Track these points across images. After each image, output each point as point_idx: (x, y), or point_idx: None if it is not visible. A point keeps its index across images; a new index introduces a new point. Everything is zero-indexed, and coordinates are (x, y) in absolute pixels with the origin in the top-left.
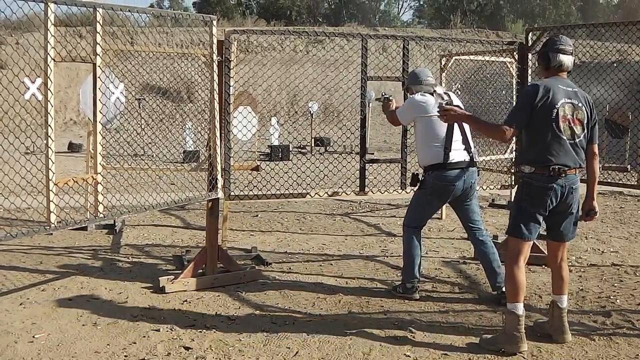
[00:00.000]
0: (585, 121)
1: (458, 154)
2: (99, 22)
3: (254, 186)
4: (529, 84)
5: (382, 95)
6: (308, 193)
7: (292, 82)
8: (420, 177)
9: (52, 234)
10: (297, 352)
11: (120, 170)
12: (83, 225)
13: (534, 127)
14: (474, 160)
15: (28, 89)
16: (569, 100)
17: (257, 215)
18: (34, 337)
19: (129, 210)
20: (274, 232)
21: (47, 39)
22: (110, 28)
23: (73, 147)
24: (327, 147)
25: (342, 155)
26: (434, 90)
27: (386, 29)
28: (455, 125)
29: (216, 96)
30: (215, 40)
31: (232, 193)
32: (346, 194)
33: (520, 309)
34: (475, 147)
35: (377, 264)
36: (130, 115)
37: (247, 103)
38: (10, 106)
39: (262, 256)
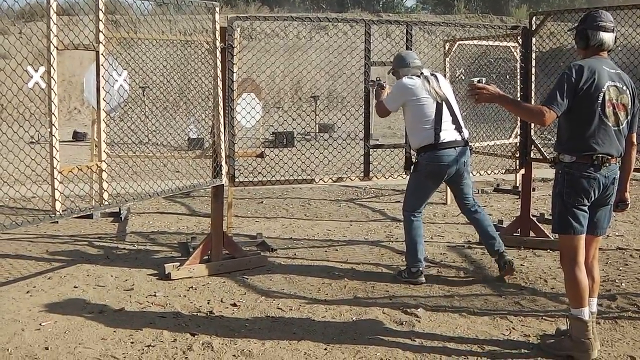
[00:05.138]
0: (630, 106)
1: (449, 133)
2: (101, 9)
3: (259, 172)
4: (572, 63)
5: (376, 79)
6: (313, 179)
7: (296, 69)
8: (413, 160)
9: (57, 222)
10: (302, 338)
11: (124, 158)
12: (88, 214)
13: (576, 113)
14: (465, 139)
15: (31, 77)
16: (612, 83)
17: (262, 202)
18: (40, 324)
19: (134, 197)
20: (279, 218)
21: (49, 27)
22: (113, 16)
23: (78, 136)
24: (332, 134)
25: (346, 141)
26: (421, 73)
27: (390, 14)
28: (444, 105)
29: (219, 83)
30: (218, 27)
31: (237, 179)
32: (351, 179)
33: (586, 314)
34: (465, 126)
35: (382, 249)
36: (135, 103)
37: (251, 90)
38: (14, 95)
39: (267, 242)
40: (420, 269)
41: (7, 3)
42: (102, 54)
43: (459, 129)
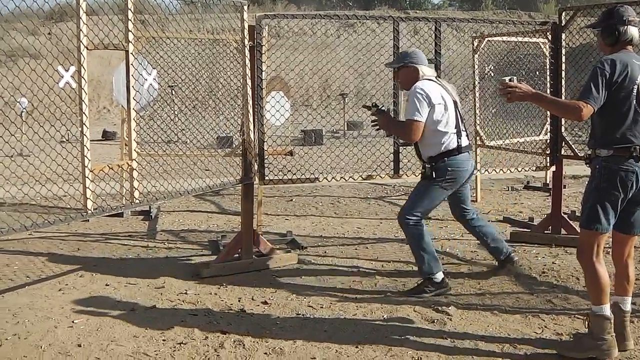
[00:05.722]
0: None
1: (465, 138)
2: (130, 9)
3: (288, 170)
4: (603, 58)
5: (372, 105)
6: (343, 177)
7: (324, 67)
8: (428, 170)
9: (88, 220)
10: (333, 335)
11: (154, 157)
12: (119, 212)
13: (611, 106)
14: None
15: (62, 77)
16: None
17: (291, 200)
18: (73, 322)
19: (165, 196)
20: (309, 216)
21: (79, 27)
22: (142, 16)
23: (107, 135)
24: (360, 131)
25: (376, 138)
26: (437, 76)
27: (417, 11)
28: (457, 109)
29: (248, 81)
30: (246, 26)
31: (267, 177)
32: (380, 177)
33: (607, 310)
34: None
35: None
36: (164, 101)
37: (280, 88)
38: (45, 94)
39: (297, 240)
40: (443, 275)
41: (37, 4)
42: (131, 53)
43: (466, 131)
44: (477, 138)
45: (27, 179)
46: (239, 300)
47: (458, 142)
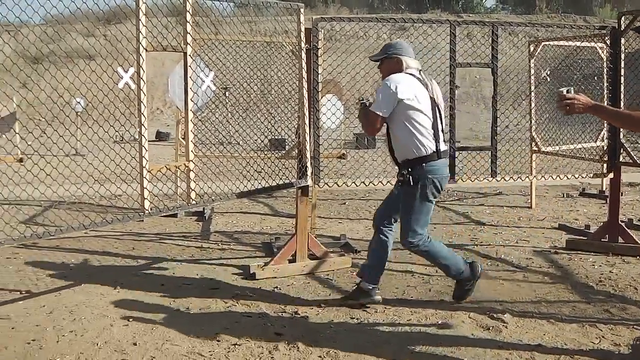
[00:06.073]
0: None
1: (443, 143)
2: (188, 11)
3: (341, 174)
4: None
5: (359, 99)
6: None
7: (377, 71)
8: (406, 174)
9: (143, 220)
10: (388, 340)
11: (210, 158)
12: (173, 212)
13: None
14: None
15: (121, 78)
16: None
17: (344, 203)
18: (128, 320)
19: (221, 197)
20: (362, 220)
21: (138, 28)
22: (195, 18)
23: (161, 136)
24: None
25: None
26: (419, 71)
27: (469, 15)
28: (437, 111)
29: (305, 84)
30: (302, 28)
31: (322, 180)
32: None
33: None
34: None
35: (467, 252)
36: (220, 102)
37: (333, 91)
38: (105, 95)
39: (350, 244)
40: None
41: (98, 5)
42: (189, 55)
43: (444, 136)
44: (533, 144)
45: (85, 178)
46: (293, 303)
47: (437, 147)
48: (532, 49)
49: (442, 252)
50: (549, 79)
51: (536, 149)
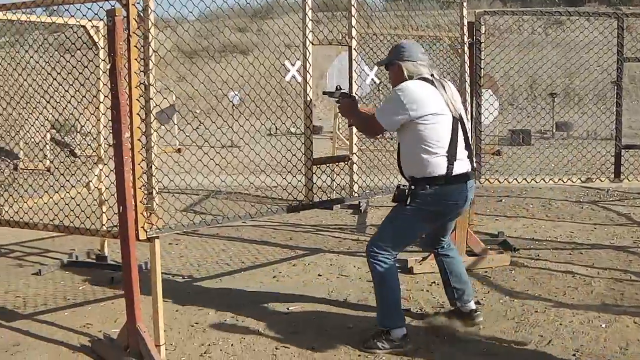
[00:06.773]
0: None
1: (462, 164)
2: (353, 5)
3: (495, 170)
4: None
5: (336, 89)
6: (561, 179)
7: (532, 66)
8: (407, 191)
9: (299, 211)
10: (550, 341)
11: (366, 152)
12: (328, 205)
13: None
14: (474, 169)
15: (288, 71)
16: None
17: (501, 200)
18: (288, 308)
19: (382, 190)
20: (519, 217)
21: (305, 22)
22: (360, 13)
23: (314, 129)
24: (570, 132)
25: (587, 140)
26: (432, 75)
27: (629, 7)
28: (459, 124)
29: (467, 78)
30: (465, 22)
31: (483, 176)
32: (600, 180)
33: None
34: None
35: (630, 255)
36: (376, 97)
37: (489, 86)
38: (273, 88)
39: (508, 241)
40: (406, 331)
41: (257, 2)
42: (354, 49)
43: (470, 155)
44: None
45: (242, 170)
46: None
47: (449, 168)
48: None
49: (388, 287)
50: None
51: None
